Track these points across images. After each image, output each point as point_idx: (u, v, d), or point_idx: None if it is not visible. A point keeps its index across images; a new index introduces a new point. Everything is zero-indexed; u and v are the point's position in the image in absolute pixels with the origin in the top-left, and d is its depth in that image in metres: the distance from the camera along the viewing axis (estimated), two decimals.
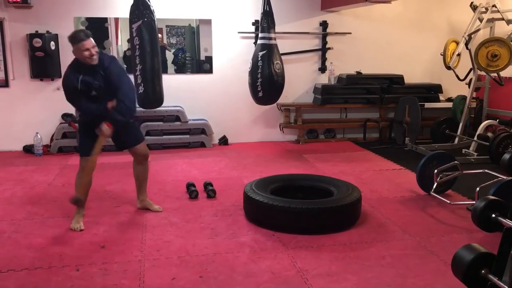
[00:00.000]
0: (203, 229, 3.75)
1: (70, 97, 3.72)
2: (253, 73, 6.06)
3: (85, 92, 3.63)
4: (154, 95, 5.82)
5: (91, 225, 3.80)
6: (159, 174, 5.33)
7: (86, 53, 3.54)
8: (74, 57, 3.64)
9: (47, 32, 6.39)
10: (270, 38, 5.99)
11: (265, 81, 5.98)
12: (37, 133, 6.34)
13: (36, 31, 6.35)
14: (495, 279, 1.67)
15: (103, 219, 3.96)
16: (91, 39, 3.59)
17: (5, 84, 6.50)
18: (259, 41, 6.11)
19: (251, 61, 6.11)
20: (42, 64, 6.41)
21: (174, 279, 2.92)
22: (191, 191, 4.55)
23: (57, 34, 6.45)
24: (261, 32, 6.07)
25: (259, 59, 5.98)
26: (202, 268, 3.07)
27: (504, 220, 1.73)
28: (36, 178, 5.21)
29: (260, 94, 6.09)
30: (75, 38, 3.55)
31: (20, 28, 6.39)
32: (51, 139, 6.58)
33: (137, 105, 3.94)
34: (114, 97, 3.66)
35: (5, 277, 2.95)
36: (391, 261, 3.19)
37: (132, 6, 5.59)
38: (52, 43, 6.38)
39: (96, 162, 3.76)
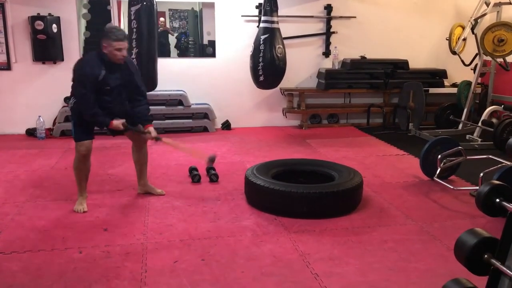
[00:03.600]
0: (205, 212, 3.76)
1: (85, 87, 3.52)
2: (254, 56, 6.02)
3: (101, 86, 3.57)
4: (149, 79, 5.79)
5: (94, 208, 3.81)
6: (162, 158, 5.33)
7: (119, 53, 3.54)
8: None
9: (49, 14, 6.34)
10: (272, 22, 5.94)
11: (267, 65, 5.95)
12: (39, 116, 6.33)
13: (38, 14, 6.30)
14: (498, 264, 1.66)
15: (106, 202, 3.97)
16: (127, 41, 3.62)
17: (7, 67, 6.48)
18: (261, 25, 6.07)
19: (253, 44, 6.06)
20: (44, 47, 6.37)
21: (176, 262, 2.93)
22: (194, 175, 4.55)
23: (59, 17, 6.40)
24: (264, 15, 6.02)
25: (261, 42, 5.94)
26: (205, 251, 3.08)
27: (508, 205, 1.71)
28: (39, 161, 5.22)
29: (261, 78, 6.06)
30: (113, 35, 3.51)
31: (22, 10, 6.34)
32: (54, 123, 6.58)
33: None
34: (124, 98, 3.73)
35: (9, 258, 2.96)
36: (393, 245, 3.19)
37: None
38: (54, 25, 6.33)
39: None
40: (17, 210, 3.76)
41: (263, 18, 6.04)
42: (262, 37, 5.93)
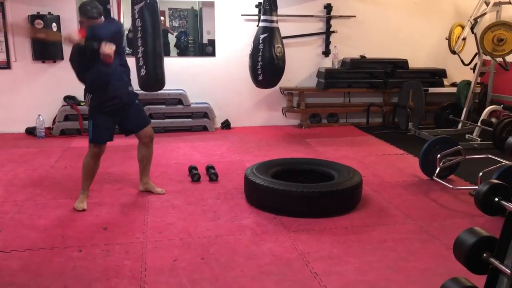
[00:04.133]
0: (205, 211, 3.76)
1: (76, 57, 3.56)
2: (253, 56, 6.02)
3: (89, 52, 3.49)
4: (156, 78, 5.80)
5: (93, 206, 3.81)
6: (161, 157, 5.34)
7: (88, 22, 3.47)
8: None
9: (49, 13, 6.34)
10: (272, 21, 5.93)
11: (266, 65, 5.94)
12: (39, 115, 6.33)
13: (38, 13, 6.29)
14: (496, 263, 1.67)
15: (106, 201, 3.97)
16: (102, 18, 3.52)
17: (7, 66, 6.48)
18: (260, 24, 6.06)
19: (252, 43, 6.06)
20: (44, 45, 6.36)
21: (176, 260, 2.94)
22: (193, 174, 4.55)
23: (58, 16, 6.40)
24: (263, 14, 6.01)
25: (260, 42, 5.93)
26: (204, 250, 3.09)
27: (507, 204, 1.71)
28: (39, 160, 5.22)
29: (260, 77, 6.05)
30: (86, 13, 3.45)
31: (22, 9, 6.33)
32: (54, 122, 6.58)
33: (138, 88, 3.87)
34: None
35: (9, 257, 2.97)
36: (393, 244, 3.20)
37: None
38: (54, 24, 6.33)
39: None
40: (16, 209, 3.76)
41: (262, 17, 6.03)
42: (261, 36, 5.92)
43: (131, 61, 4.25)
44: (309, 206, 3.59)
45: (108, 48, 3.36)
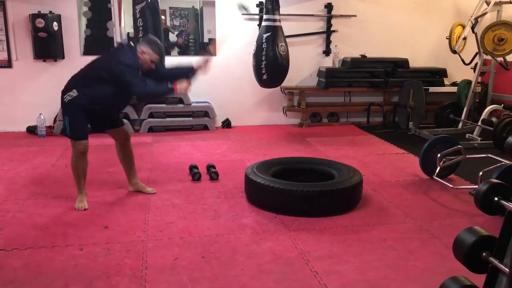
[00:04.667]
0: (205, 210, 3.77)
1: (134, 75, 3.62)
2: (257, 55, 6.01)
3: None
4: None
5: (94, 205, 3.82)
6: (162, 156, 5.35)
7: (153, 64, 3.70)
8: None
9: (50, 12, 6.35)
10: (274, 20, 5.93)
11: (270, 64, 5.93)
12: (40, 114, 6.35)
13: (39, 12, 6.31)
14: (496, 262, 1.67)
15: (107, 199, 3.98)
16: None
17: (8, 64, 6.49)
18: (263, 23, 6.06)
19: (255, 43, 6.06)
20: (45, 44, 6.38)
21: (176, 259, 2.95)
22: (194, 173, 4.56)
23: (60, 15, 6.41)
24: (266, 14, 6.00)
25: (264, 41, 5.93)
26: (205, 248, 3.10)
27: (507, 203, 1.72)
28: (40, 159, 5.23)
29: (265, 76, 6.05)
30: (156, 48, 3.69)
31: (23, 8, 6.35)
32: (54, 120, 6.59)
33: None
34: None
35: (10, 255, 2.98)
36: (393, 243, 3.21)
37: None
38: (55, 23, 6.34)
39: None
40: (18, 208, 3.78)
41: (265, 16, 6.02)
42: (265, 35, 5.92)
43: None
44: (309, 205, 3.59)
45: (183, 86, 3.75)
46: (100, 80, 3.60)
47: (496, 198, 1.76)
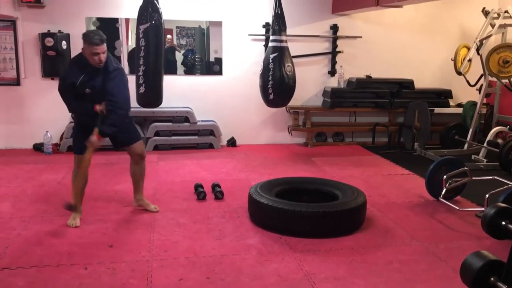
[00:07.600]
0: (210, 230, 3.76)
1: (63, 90, 3.71)
2: (264, 75, 6.05)
3: (80, 90, 3.65)
4: (154, 95, 5.77)
5: (99, 224, 3.82)
6: (167, 175, 5.36)
7: (96, 57, 3.59)
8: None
9: (59, 31, 6.44)
10: (281, 41, 5.98)
11: (276, 84, 5.96)
12: (47, 131, 6.39)
13: (48, 31, 6.40)
14: (504, 287, 1.66)
15: (112, 218, 3.98)
16: (104, 44, 3.62)
17: (17, 82, 6.56)
18: (270, 44, 6.10)
19: (262, 63, 6.11)
20: (54, 63, 6.45)
21: (181, 279, 2.93)
22: (199, 192, 4.56)
23: (68, 34, 6.50)
24: (272, 34, 6.05)
25: (270, 61, 5.96)
26: (209, 269, 3.08)
27: None
28: (46, 176, 5.25)
29: (271, 96, 6.07)
30: (89, 40, 3.56)
31: (33, 27, 6.45)
32: (61, 138, 6.63)
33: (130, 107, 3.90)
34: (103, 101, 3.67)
35: (15, 273, 2.97)
36: (399, 266, 3.18)
37: (141, 7, 5.58)
38: (64, 42, 6.43)
39: (90, 161, 3.76)
40: (24, 225, 3.78)
41: (271, 37, 6.07)
42: (271, 56, 5.96)
43: (131, 79, 4.28)
44: (312, 226, 3.58)
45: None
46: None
47: (503, 223, 1.76)
